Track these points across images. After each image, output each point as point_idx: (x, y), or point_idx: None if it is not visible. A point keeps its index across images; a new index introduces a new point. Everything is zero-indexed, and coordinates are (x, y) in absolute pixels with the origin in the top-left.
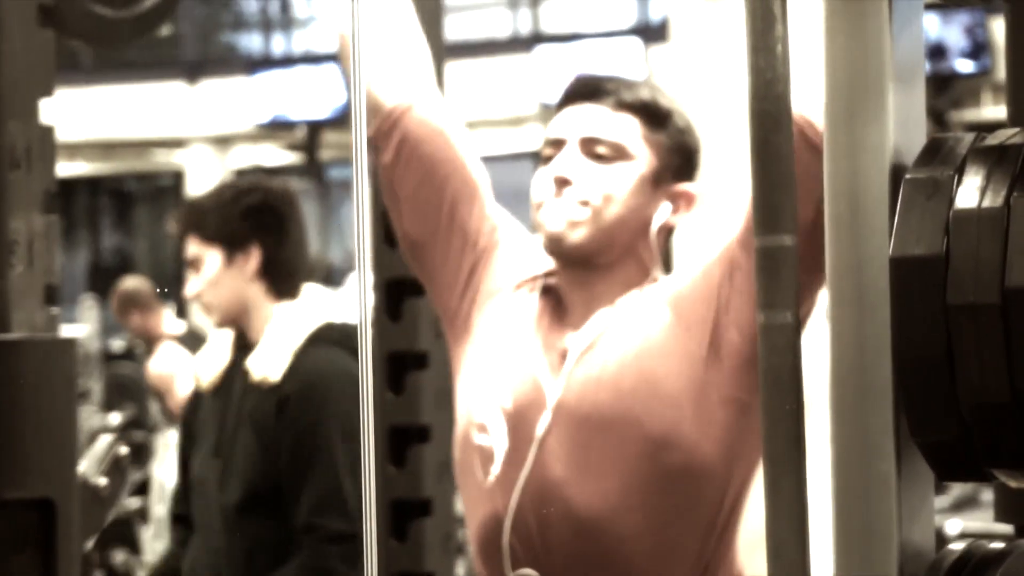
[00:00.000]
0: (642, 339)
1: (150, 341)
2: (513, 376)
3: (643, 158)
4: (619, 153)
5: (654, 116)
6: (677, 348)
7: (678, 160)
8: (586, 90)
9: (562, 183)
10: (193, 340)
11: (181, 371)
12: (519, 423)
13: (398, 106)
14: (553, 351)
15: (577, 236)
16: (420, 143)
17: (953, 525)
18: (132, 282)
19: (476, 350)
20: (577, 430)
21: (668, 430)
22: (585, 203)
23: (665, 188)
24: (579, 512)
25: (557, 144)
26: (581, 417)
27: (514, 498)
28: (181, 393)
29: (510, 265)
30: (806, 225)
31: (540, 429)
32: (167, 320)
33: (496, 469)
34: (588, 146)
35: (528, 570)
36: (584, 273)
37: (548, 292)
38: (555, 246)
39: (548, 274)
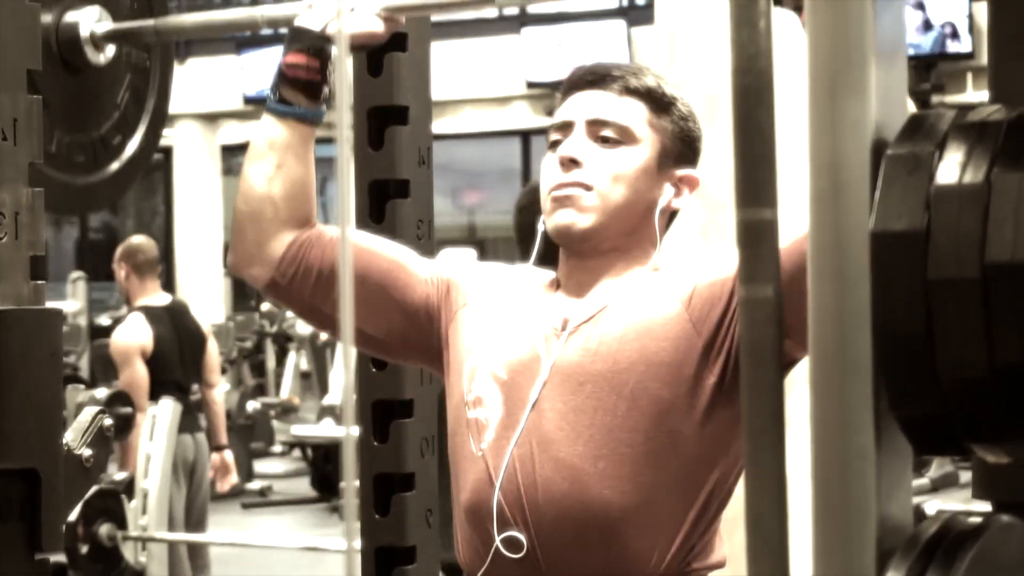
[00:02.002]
0: (646, 321)
1: (130, 306)
2: (509, 346)
3: (648, 142)
4: (625, 136)
5: (659, 102)
6: (681, 338)
7: (681, 146)
8: (593, 77)
9: (570, 163)
10: (171, 315)
11: (136, 345)
12: (513, 389)
13: (290, 246)
14: (551, 320)
15: (584, 220)
16: (324, 264)
17: (932, 507)
18: (140, 239)
19: (463, 339)
20: (571, 395)
21: (662, 410)
22: (591, 187)
23: (668, 172)
24: (568, 471)
25: (565, 127)
26: (575, 384)
27: (505, 459)
28: (136, 367)
29: (473, 281)
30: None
31: (534, 393)
32: (151, 290)
33: (490, 435)
34: (595, 129)
35: (514, 532)
36: (587, 259)
37: (538, 280)
38: (563, 232)
39: (529, 269)
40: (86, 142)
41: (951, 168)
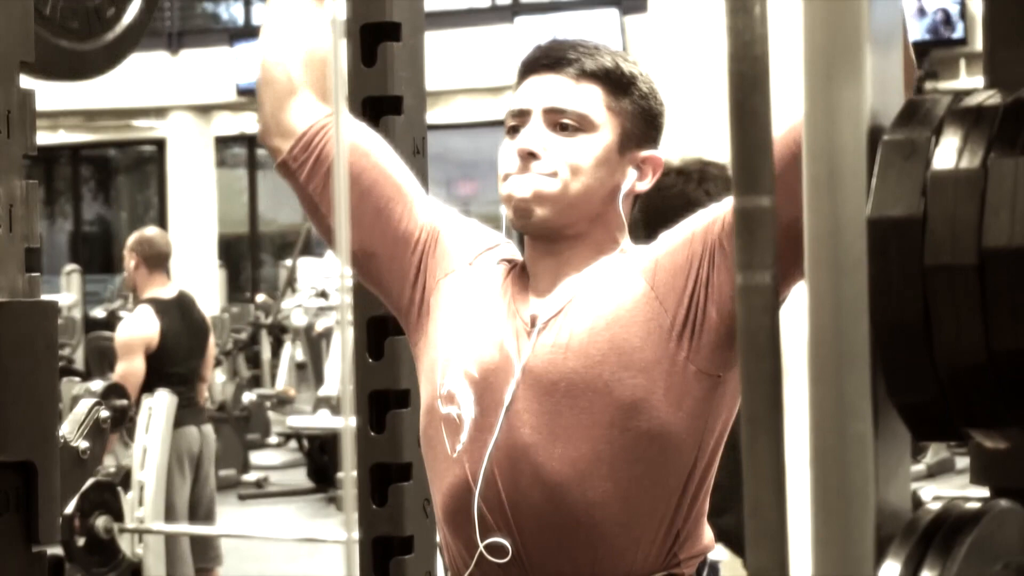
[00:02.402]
0: (613, 307)
1: (136, 297)
2: (479, 344)
3: (607, 127)
4: (583, 123)
5: (617, 83)
6: (649, 318)
7: (642, 126)
8: (548, 60)
9: (528, 156)
10: (179, 307)
11: (141, 339)
12: (486, 390)
13: (310, 128)
14: (520, 318)
15: (544, 210)
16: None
17: (928, 493)
18: (154, 231)
19: (438, 325)
20: (546, 396)
21: (638, 399)
22: (552, 175)
23: (630, 155)
24: (548, 477)
25: (522, 115)
26: (549, 383)
27: (483, 464)
28: (134, 361)
29: (458, 246)
30: (792, 223)
31: (508, 395)
32: (159, 282)
33: (464, 437)
34: (552, 117)
35: (498, 539)
36: (551, 244)
37: (510, 263)
38: (523, 220)
39: (504, 248)
40: (80, 9)
41: (947, 154)
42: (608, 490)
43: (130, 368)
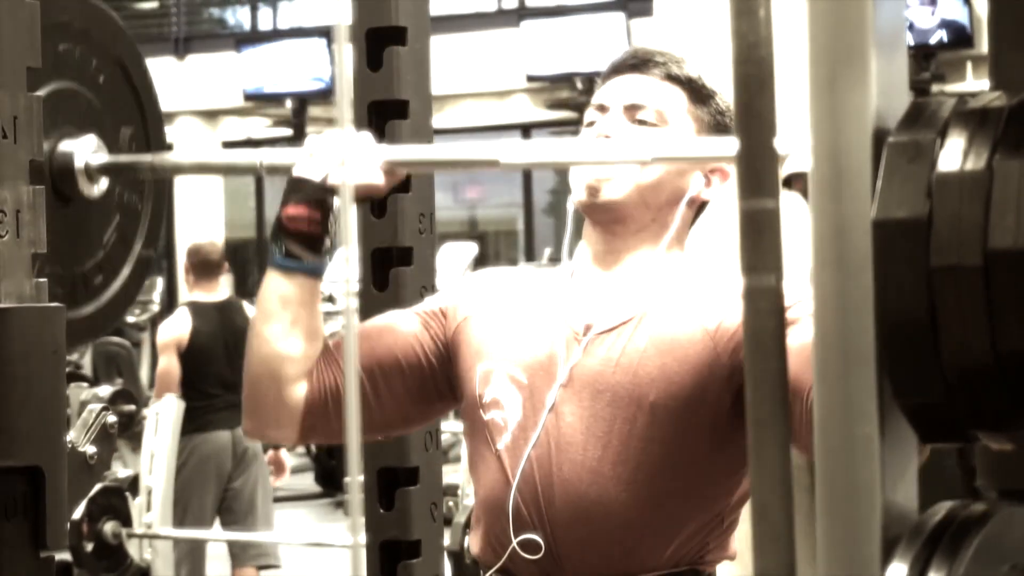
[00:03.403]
0: (669, 339)
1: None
2: (526, 349)
3: (684, 128)
4: (661, 120)
5: (699, 92)
6: (703, 362)
7: (715, 135)
8: (636, 61)
9: (605, 139)
10: (220, 311)
11: (172, 339)
12: (533, 391)
13: (307, 401)
14: (572, 322)
15: (613, 191)
16: (343, 393)
17: None
18: (205, 242)
19: (465, 353)
20: (590, 401)
21: (679, 429)
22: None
23: (700, 162)
24: (586, 473)
25: (601, 109)
26: (594, 391)
27: (523, 459)
28: (167, 359)
29: (471, 294)
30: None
31: (552, 395)
32: (207, 288)
33: (507, 436)
34: (632, 112)
35: (531, 535)
36: (610, 235)
37: (552, 276)
38: (591, 198)
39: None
40: (68, 277)
41: (953, 155)
42: (644, 496)
43: (164, 366)
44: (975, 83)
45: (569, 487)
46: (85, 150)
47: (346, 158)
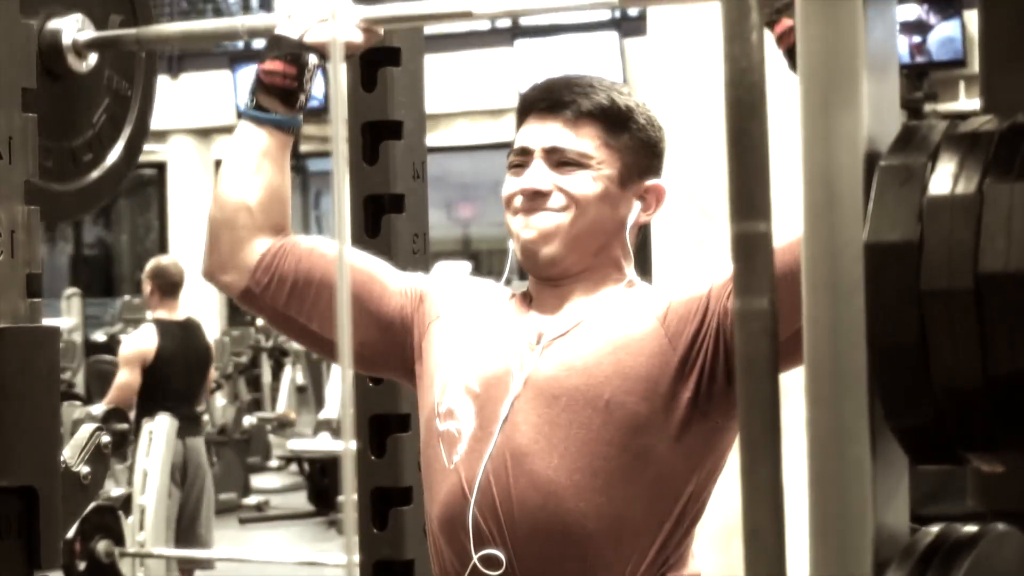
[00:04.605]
0: (622, 336)
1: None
2: (482, 360)
3: (608, 163)
4: (584, 161)
5: (615, 120)
6: (656, 353)
7: (643, 158)
8: (546, 103)
9: (533, 195)
10: (183, 330)
11: (138, 352)
12: (487, 403)
13: (264, 254)
14: (525, 334)
15: (551, 247)
16: (299, 274)
17: None
18: (168, 261)
19: (435, 355)
20: (545, 408)
21: (639, 423)
22: (557, 210)
23: (634, 187)
24: (543, 485)
25: (524, 153)
26: (549, 397)
27: (479, 472)
28: (128, 372)
29: (445, 294)
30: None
31: (507, 406)
32: (170, 307)
33: (462, 448)
34: (553, 156)
35: (492, 550)
36: (557, 283)
37: (510, 295)
38: (531, 261)
39: (499, 287)
40: (57, 150)
41: (943, 179)
42: (602, 504)
43: (124, 379)
44: (968, 102)
45: (527, 500)
46: (72, 27)
47: (326, 16)
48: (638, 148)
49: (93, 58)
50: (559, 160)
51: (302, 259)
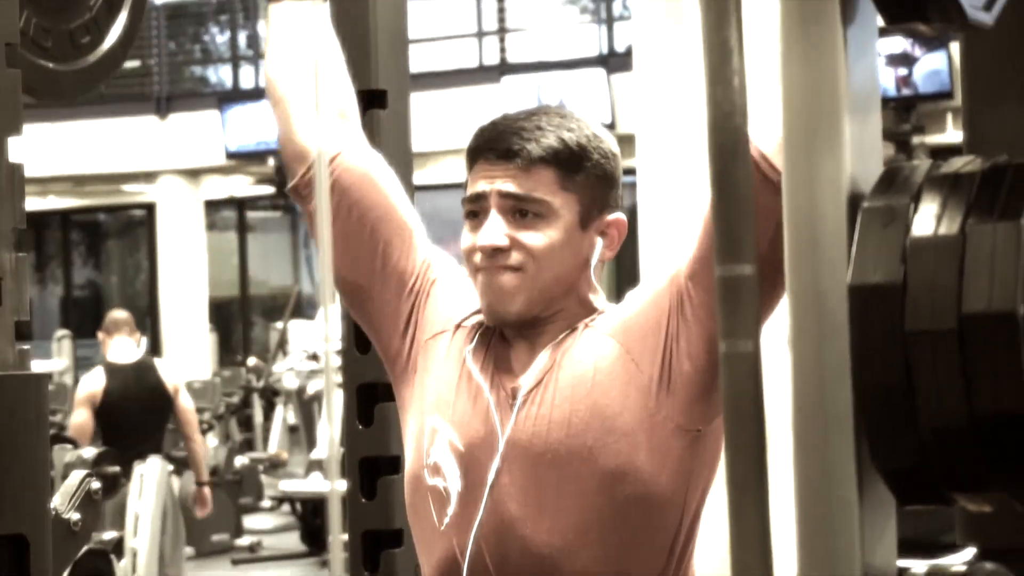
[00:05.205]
0: (591, 373)
1: None
2: (464, 415)
3: (566, 207)
4: (541, 208)
5: (568, 161)
6: (627, 380)
7: (601, 193)
8: (495, 151)
9: (492, 253)
10: (135, 370)
11: (86, 394)
12: (472, 464)
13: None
14: (502, 389)
15: (515, 305)
16: (348, 189)
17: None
18: (117, 312)
19: (425, 387)
20: (531, 468)
21: (622, 463)
22: (517, 269)
23: (595, 224)
24: (537, 550)
25: (478, 199)
26: (534, 455)
27: (470, 540)
28: (80, 413)
29: (449, 303)
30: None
31: (493, 469)
32: (119, 348)
33: (451, 511)
34: (508, 203)
35: None
36: (527, 329)
37: (493, 331)
38: (497, 318)
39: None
40: (54, 31)
41: (926, 220)
42: (598, 557)
43: (77, 419)
44: (956, 134)
45: (522, 566)
46: None
47: None
48: (595, 184)
49: None
50: (515, 208)
51: (352, 186)
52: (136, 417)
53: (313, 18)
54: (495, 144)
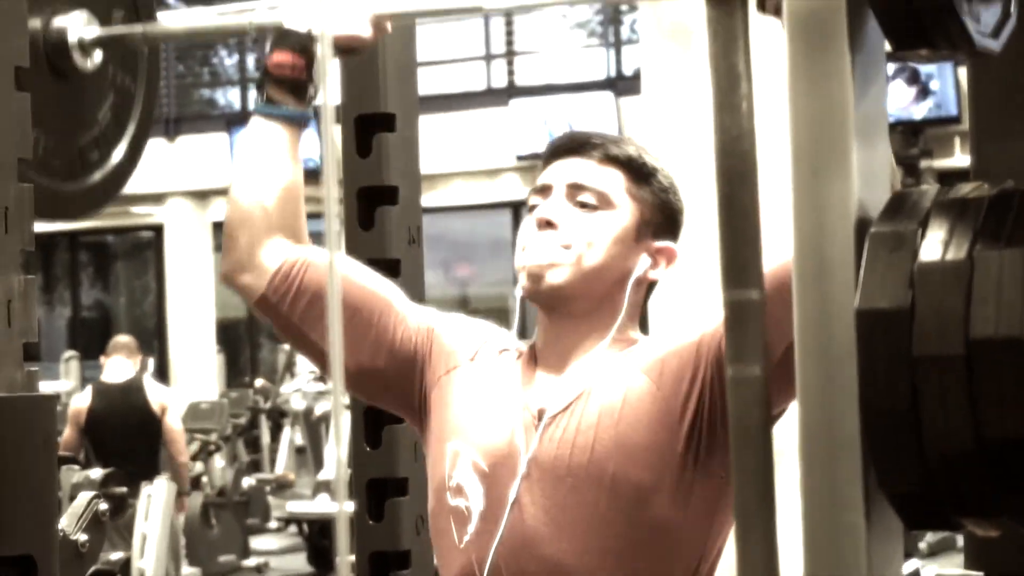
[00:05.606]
0: (619, 403)
1: None
2: (488, 436)
3: (626, 210)
4: (603, 202)
5: (639, 171)
6: (655, 418)
7: (660, 217)
8: (573, 144)
9: (546, 224)
10: (122, 391)
11: (72, 412)
12: (494, 483)
13: (284, 261)
14: (528, 411)
15: (557, 277)
16: (320, 289)
17: (929, 572)
18: (121, 336)
19: (441, 422)
20: (553, 489)
21: (643, 494)
22: (567, 246)
23: (646, 243)
24: (555, 570)
25: (544, 191)
26: (556, 478)
27: (490, 555)
28: (68, 431)
29: (456, 344)
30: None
31: (514, 488)
32: (111, 369)
33: (472, 529)
34: (573, 193)
35: None
36: (559, 321)
37: (515, 352)
38: (535, 285)
39: (501, 337)
40: (63, 150)
41: (934, 246)
42: None
43: (64, 436)
44: (964, 158)
45: None
46: (77, 24)
47: (331, 11)
48: (657, 206)
49: (98, 55)
50: (579, 198)
51: (322, 276)
52: (121, 434)
53: (285, 140)
54: (571, 143)
